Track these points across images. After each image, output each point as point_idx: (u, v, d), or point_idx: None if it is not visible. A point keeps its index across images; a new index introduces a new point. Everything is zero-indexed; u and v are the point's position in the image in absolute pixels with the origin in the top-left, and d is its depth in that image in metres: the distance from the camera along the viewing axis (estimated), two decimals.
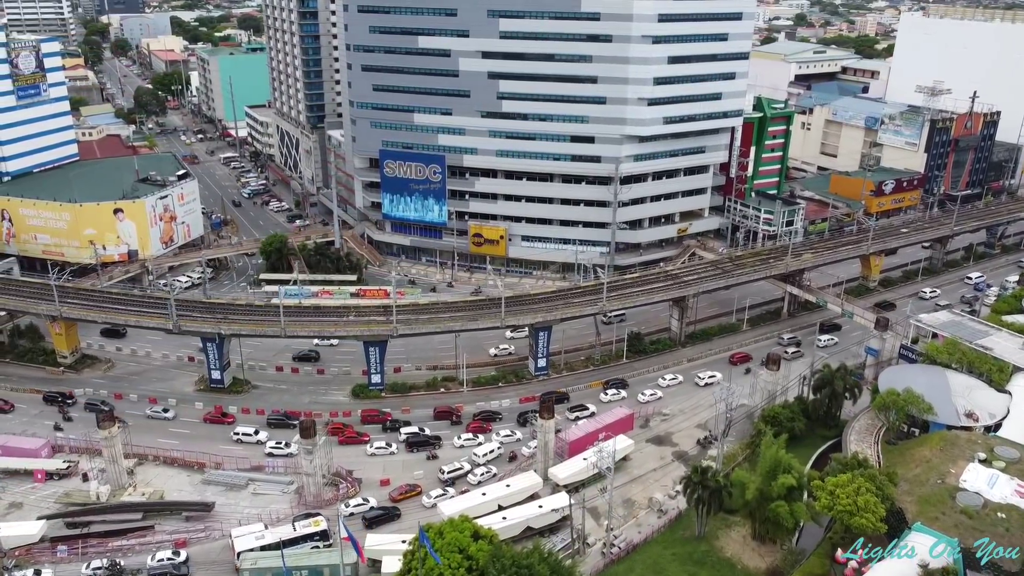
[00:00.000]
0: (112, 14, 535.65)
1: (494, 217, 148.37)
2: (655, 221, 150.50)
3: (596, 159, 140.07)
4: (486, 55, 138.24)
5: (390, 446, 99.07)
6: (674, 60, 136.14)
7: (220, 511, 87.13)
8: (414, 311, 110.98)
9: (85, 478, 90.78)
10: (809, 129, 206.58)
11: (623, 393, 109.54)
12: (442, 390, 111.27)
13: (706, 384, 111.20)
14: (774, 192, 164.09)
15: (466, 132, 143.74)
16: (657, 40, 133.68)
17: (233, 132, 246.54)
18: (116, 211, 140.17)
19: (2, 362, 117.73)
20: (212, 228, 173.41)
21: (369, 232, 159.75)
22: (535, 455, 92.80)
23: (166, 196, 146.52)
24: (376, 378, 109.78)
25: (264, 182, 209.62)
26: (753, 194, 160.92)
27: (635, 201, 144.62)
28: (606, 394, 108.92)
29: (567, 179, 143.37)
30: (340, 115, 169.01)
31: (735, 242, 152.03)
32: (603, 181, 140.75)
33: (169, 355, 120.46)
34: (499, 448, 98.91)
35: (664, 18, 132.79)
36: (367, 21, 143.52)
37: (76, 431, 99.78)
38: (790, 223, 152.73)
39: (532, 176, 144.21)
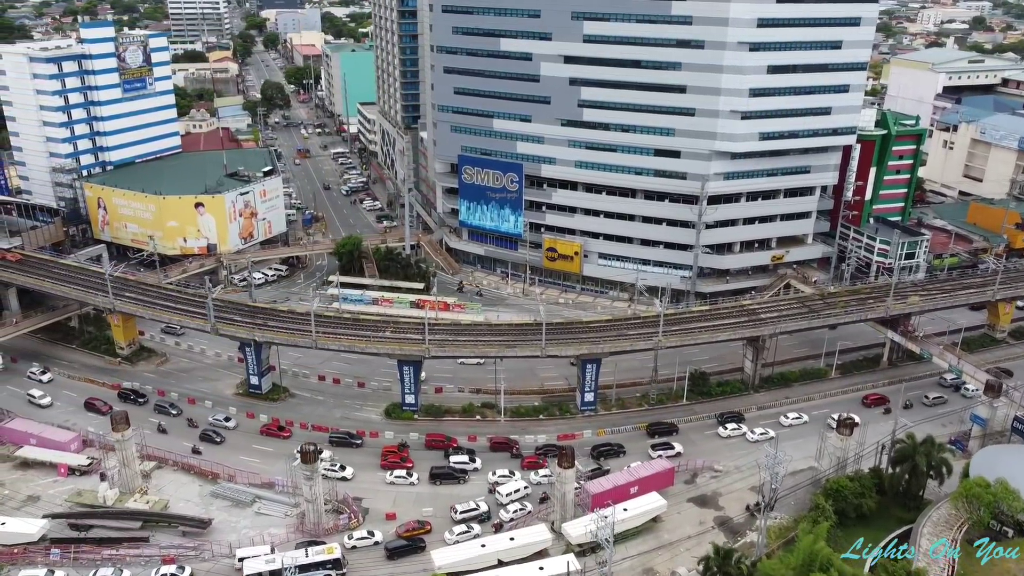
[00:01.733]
0: (271, 9, 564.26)
1: (571, 232, 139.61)
2: (747, 246, 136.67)
3: (682, 175, 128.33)
4: (568, 60, 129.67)
5: (410, 475, 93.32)
6: (775, 70, 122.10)
7: (218, 527, 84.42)
8: (452, 331, 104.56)
9: (103, 477, 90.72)
10: (952, 148, 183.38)
11: (675, 448, 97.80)
12: (478, 417, 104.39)
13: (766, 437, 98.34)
14: (897, 219, 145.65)
15: (545, 140, 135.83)
16: (755, 47, 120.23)
17: (347, 128, 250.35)
18: (197, 205, 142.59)
19: (68, 347, 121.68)
20: (303, 224, 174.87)
21: (447, 239, 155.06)
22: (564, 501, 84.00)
23: (247, 192, 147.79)
24: (410, 398, 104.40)
25: (364, 180, 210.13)
26: (870, 220, 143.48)
27: (724, 223, 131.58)
28: (653, 452, 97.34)
29: (649, 195, 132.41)
30: None
31: (840, 274, 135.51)
32: (689, 200, 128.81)
33: (221, 354, 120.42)
34: (526, 488, 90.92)
35: (764, 23, 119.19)
36: (451, 22, 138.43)
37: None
38: (911, 255, 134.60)
39: (612, 190, 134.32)
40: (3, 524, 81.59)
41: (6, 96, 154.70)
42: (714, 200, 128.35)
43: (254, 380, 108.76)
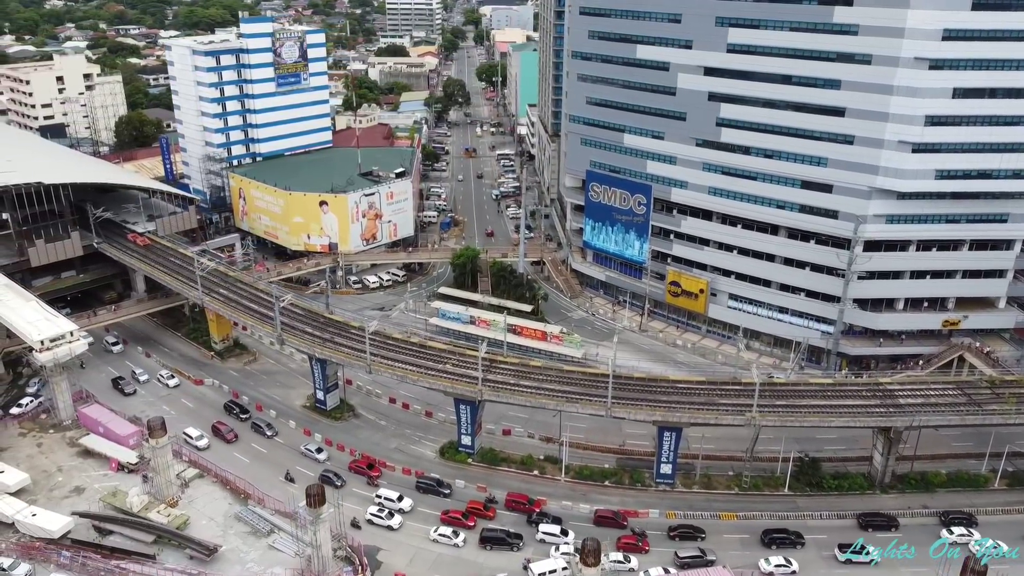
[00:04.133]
0: (487, 5, 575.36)
1: (699, 266, 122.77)
2: (913, 304, 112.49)
3: (832, 214, 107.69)
4: (708, 71, 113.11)
5: (456, 535, 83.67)
6: (963, 93, 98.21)
7: (225, 555, 79.98)
8: (516, 373, 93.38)
9: (145, 479, 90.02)
10: None
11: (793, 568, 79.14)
12: (535, 472, 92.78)
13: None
14: None
15: (677, 161, 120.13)
16: (937, 65, 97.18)
17: (519, 129, 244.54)
18: (321, 203, 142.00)
19: (175, 334, 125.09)
20: (440, 228, 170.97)
21: (571, 259, 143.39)
22: None
23: (372, 194, 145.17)
24: (466, 439, 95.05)
25: (517, 184, 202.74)
26: None
27: (884, 274, 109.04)
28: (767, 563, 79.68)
29: (793, 234, 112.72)
30: None
31: None
32: (840, 243, 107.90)
33: (306, 361, 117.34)
34: (564, 570, 78.47)
35: (952, 35, 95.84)
36: (587, 25, 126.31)
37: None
38: None
39: (749, 224, 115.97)
40: (34, 515, 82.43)
41: (175, 86, 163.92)
42: (872, 246, 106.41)
43: (320, 395, 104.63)
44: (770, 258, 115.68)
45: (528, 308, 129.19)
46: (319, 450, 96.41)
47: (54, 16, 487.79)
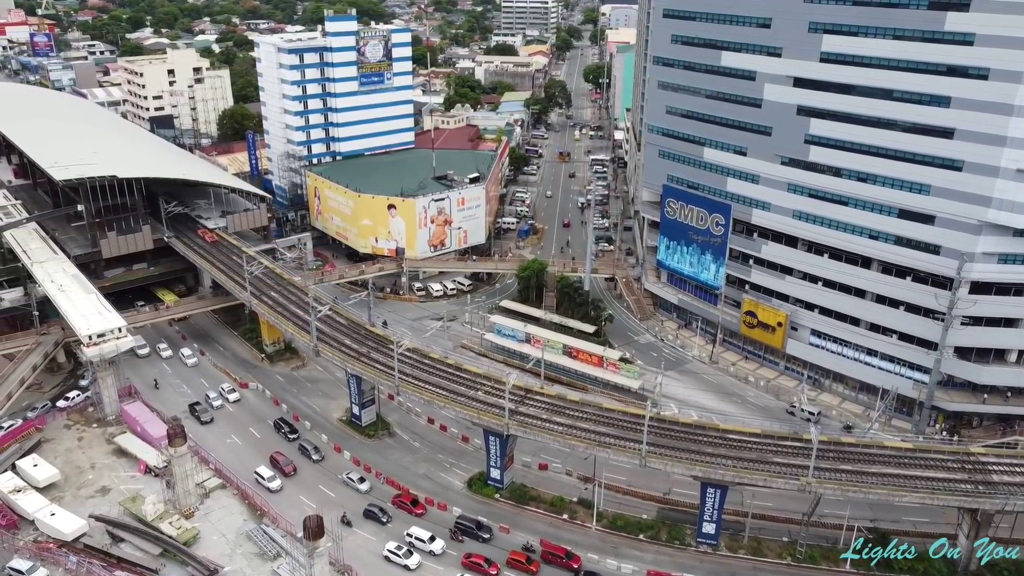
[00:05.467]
0: (608, 4, 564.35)
1: (779, 296, 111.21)
2: None
3: (934, 249, 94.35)
4: (798, 83, 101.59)
5: None
6: None
7: None
8: (550, 407, 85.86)
9: (168, 485, 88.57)
10: None
11: None
12: (565, 516, 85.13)
13: None
14: None
15: (760, 180, 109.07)
16: None
17: (616, 134, 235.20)
18: (390, 206, 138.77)
19: (232, 333, 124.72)
20: (518, 235, 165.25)
21: (645, 278, 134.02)
22: None
23: (442, 199, 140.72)
24: (495, 472, 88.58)
25: (605, 192, 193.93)
26: None
27: (993, 321, 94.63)
28: None
29: (887, 268, 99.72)
30: None
31: None
32: (941, 282, 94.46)
33: None
34: None
35: None
36: (670, 29, 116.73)
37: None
38: None
39: (838, 254, 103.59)
40: (52, 515, 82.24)
41: (261, 82, 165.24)
42: (980, 288, 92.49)
43: (355, 410, 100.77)
44: (860, 293, 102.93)
45: (590, 329, 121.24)
46: (361, 479, 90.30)
47: (193, 11, 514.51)
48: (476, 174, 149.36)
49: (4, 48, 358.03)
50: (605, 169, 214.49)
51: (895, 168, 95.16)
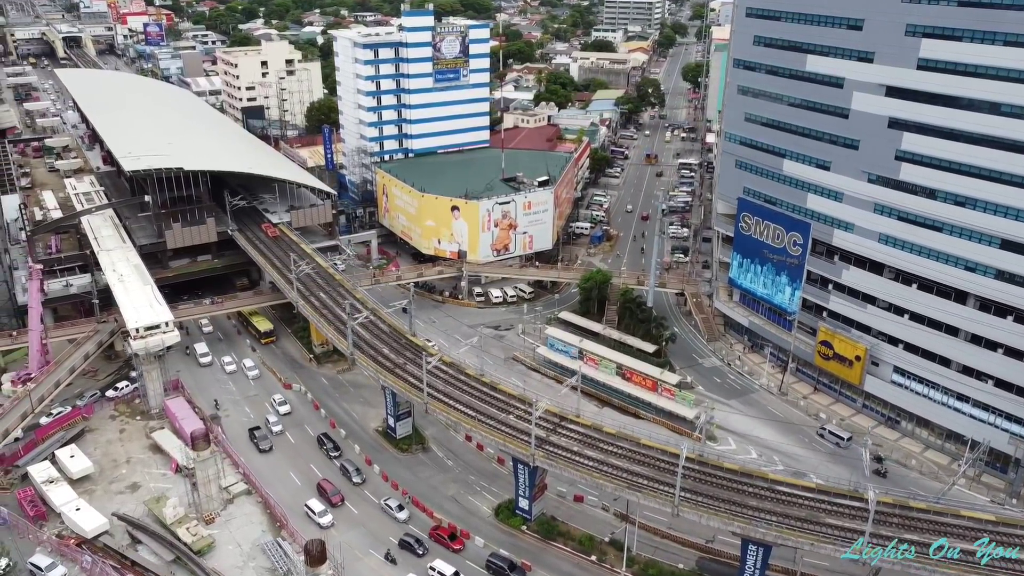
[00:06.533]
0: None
1: (860, 327, 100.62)
2: None
3: None
4: (891, 92, 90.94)
5: None
6: None
7: None
8: (583, 439, 79.37)
9: (195, 487, 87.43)
10: None
11: None
12: (593, 559, 78.69)
13: None
14: None
15: (844, 198, 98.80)
16: None
17: (708, 137, 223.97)
18: (453, 208, 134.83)
19: (286, 332, 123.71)
20: (590, 241, 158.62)
21: (716, 296, 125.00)
22: None
23: (507, 202, 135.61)
24: (523, 502, 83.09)
25: (688, 199, 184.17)
26: None
27: None
28: None
29: (985, 305, 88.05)
30: None
31: None
32: None
33: None
34: None
35: None
36: (753, 29, 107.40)
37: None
38: None
39: (928, 285, 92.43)
40: (77, 510, 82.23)
41: (338, 76, 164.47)
42: None
43: (390, 421, 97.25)
44: (952, 331, 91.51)
45: (651, 348, 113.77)
46: (400, 507, 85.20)
47: (306, 2, 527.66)
48: (546, 177, 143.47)
49: (125, 37, 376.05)
50: (693, 174, 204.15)
51: (998, 192, 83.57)
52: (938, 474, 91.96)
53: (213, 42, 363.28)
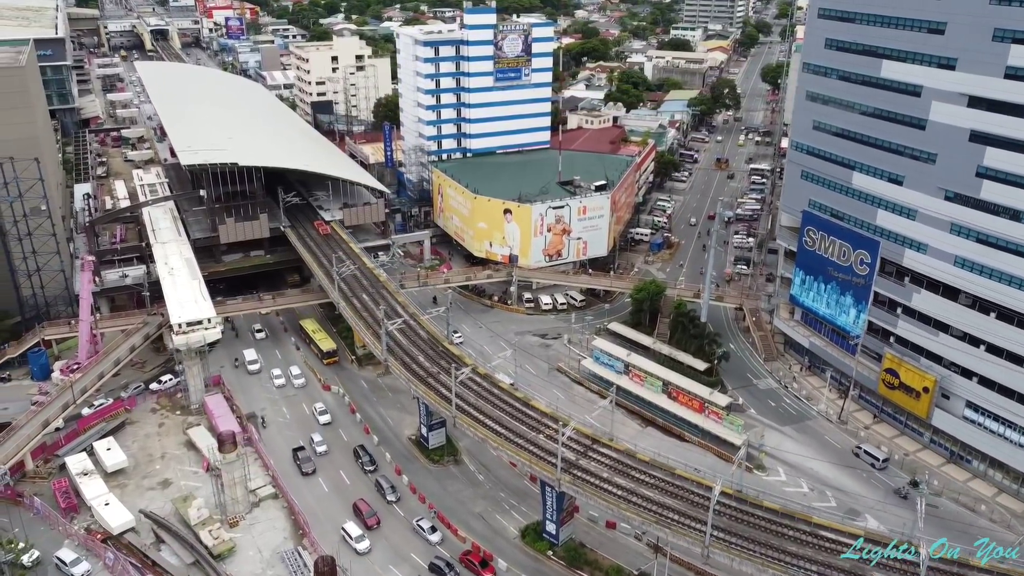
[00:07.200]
0: None
1: (933, 357, 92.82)
2: None
3: None
4: (974, 102, 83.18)
5: None
6: None
7: None
8: (613, 466, 74.92)
9: (222, 488, 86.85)
10: None
11: None
12: None
13: None
14: None
15: (917, 216, 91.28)
16: None
17: (783, 142, 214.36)
18: (506, 211, 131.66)
19: (331, 329, 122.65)
20: (650, 248, 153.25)
21: (777, 313, 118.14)
22: None
23: (561, 207, 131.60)
24: (550, 526, 79.31)
25: (757, 207, 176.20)
26: None
27: None
28: None
29: None
30: None
31: None
32: None
33: None
34: None
35: None
36: (825, 31, 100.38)
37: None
38: None
39: (1008, 315, 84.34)
40: (106, 505, 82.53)
41: (400, 73, 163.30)
42: None
43: (423, 431, 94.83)
44: None
45: (702, 366, 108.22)
46: (432, 528, 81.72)
47: None
48: (604, 181, 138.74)
49: (210, 30, 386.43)
50: (764, 180, 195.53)
51: None
52: (1011, 523, 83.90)
53: (293, 36, 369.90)
